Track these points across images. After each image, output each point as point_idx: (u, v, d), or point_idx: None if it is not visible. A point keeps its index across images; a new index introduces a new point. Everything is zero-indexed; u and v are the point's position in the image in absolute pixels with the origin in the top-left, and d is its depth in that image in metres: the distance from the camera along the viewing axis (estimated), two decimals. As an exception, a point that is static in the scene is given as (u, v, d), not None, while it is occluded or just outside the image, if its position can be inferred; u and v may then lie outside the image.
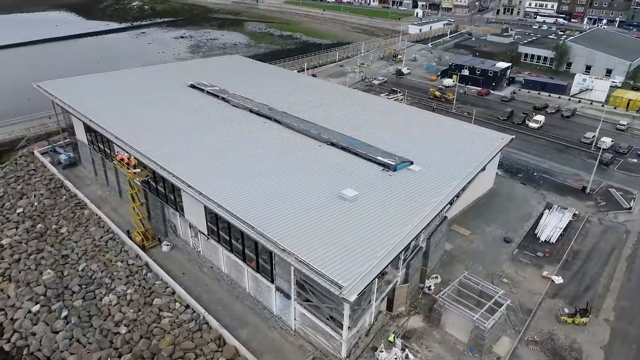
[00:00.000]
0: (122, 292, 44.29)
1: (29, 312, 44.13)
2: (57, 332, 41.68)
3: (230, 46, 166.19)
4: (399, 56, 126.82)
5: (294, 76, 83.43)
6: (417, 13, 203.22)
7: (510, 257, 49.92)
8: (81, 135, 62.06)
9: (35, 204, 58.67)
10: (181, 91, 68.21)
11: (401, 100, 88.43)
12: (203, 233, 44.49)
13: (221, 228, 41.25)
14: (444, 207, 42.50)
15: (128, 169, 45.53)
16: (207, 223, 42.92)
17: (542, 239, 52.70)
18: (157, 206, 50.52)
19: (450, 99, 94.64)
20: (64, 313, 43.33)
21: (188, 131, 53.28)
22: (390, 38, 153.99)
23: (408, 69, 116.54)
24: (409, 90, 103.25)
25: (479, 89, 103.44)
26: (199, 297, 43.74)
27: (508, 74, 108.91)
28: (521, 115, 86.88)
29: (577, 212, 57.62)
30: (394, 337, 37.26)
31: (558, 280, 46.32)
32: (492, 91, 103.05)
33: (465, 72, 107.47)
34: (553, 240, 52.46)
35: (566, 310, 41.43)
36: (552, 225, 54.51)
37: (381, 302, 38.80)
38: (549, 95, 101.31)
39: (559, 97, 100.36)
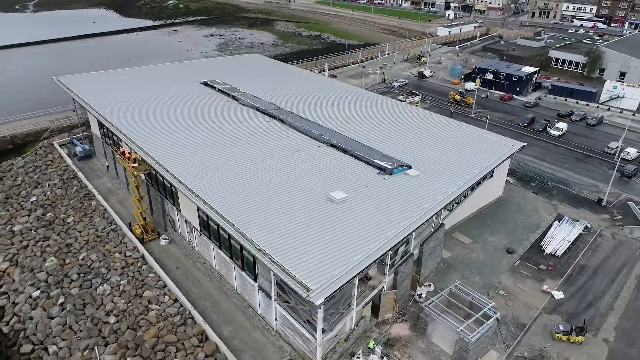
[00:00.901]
0: (116, 283, 45.40)
1: (30, 297, 45.85)
2: (52, 318, 43.14)
3: (258, 45, 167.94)
4: (423, 58, 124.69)
5: (309, 76, 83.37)
6: (448, 15, 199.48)
7: (511, 268, 48.16)
8: (95, 128, 64.06)
9: (48, 193, 60.97)
10: (193, 88, 69.36)
11: (417, 103, 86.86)
12: (196, 229, 45.04)
13: (211, 225, 41.59)
14: (437, 214, 41.47)
15: (128, 162, 46.72)
16: (199, 219, 43.41)
17: (548, 251, 50.59)
18: (158, 200, 51.51)
19: (470, 103, 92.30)
20: (61, 300, 44.80)
21: (190, 127, 54.11)
22: (417, 40, 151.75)
23: (430, 72, 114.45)
24: (430, 93, 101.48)
25: (502, 93, 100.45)
26: (189, 291, 44.32)
27: (534, 79, 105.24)
28: (543, 122, 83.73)
29: (588, 225, 55.01)
30: (374, 344, 36.59)
31: (558, 295, 44.34)
32: (516, 96, 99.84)
33: (489, 76, 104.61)
34: (559, 253, 50.27)
35: (561, 327, 39.56)
36: (559, 238, 52.24)
37: (364, 307, 38.14)
38: (577, 102, 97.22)
39: (587, 105, 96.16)
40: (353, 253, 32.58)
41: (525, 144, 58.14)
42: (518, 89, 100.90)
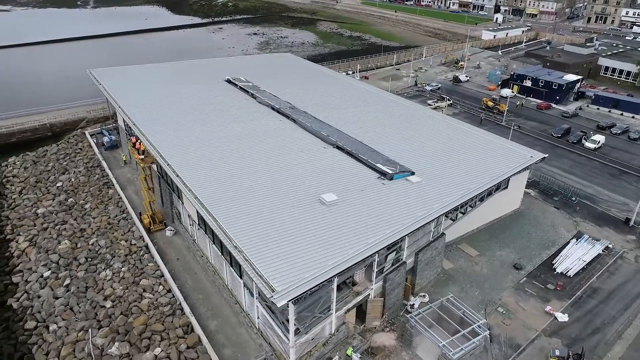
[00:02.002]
0: (117, 269, 47.14)
1: (41, 276, 48.41)
2: (57, 298, 45.33)
3: (298, 45, 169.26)
4: (461, 62, 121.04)
5: (335, 77, 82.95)
6: (496, 18, 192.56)
7: (515, 285, 45.81)
8: (120, 120, 66.81)
9: (73, 179, 64.24)
10: (215, 85, 70.84)
11: (444, 108, 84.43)
12: (195, 222, 45.99)
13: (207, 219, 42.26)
14: (435, 223, 40.24)
15: (138, 153, 48.43)
16: (197, 213, 44.25)
17: (559, 270, 47.74)
18: (167, 192, 52.98)
19: (503, 110, 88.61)
20: (67, 281, 47.02)
21: (201, 123, 55.27)
22: (459, 43, 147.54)
23: (467, 76, 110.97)
24: (463, 98, 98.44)
25: (540, 101, 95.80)
26: (184, 283, 45.34)
27: (577, 87, 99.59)
28: (578, 134, 79.12)
29: (610, 246, 51.45)
30: (352, 351, 35.93)
31: (562, 317, 41.73)
32: (554, 105, 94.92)
33: (527, 83, 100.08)
34: (571, 273, 47.31)
35: (557, 353, 37.19)
36: (574, 257, 49.20)
37: (347, 312, 37.49)
38: (621, 114, 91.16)
39: (633, 117, 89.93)
40: (329, 257, 32.13)
41: (545, 155, 55.24)
42: (557, 97, 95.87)
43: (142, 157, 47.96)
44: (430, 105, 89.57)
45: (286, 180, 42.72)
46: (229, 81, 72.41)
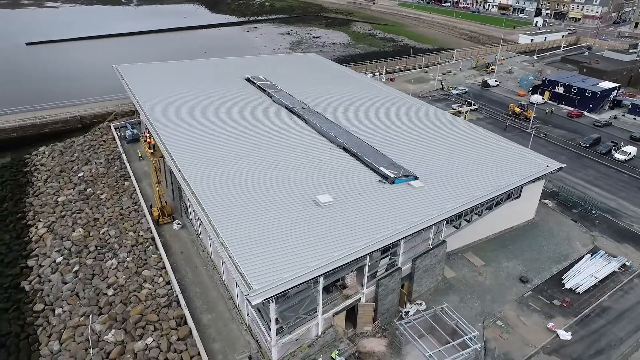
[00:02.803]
0: (122, 259, 48.63)
1: (54, 262, 50.58)
2: (65, 283, 47.29)
3: (330, 45, 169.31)
4: (492, 67, 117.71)
5: (356, 79, 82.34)
6: (536, 22, 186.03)
7: (519, 298, 44.17)
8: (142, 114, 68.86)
9: (93, 170, 66.75)
10: (234, 83, 71.85)
11: (466, 113, 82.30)
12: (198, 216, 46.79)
13: (200, 214, 42.81)
14: (434, 229, 39.39)
15: (148, 147, 49.78)
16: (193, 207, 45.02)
17: (568, 286, 45.67)
18: (176, 186, 54.17)
19: (530, 117, 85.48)
20: (76, 268, 48.92)
21: (212, 120, 56.15)
22: (493, 46, 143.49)
23: (496, 81, 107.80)
24: (490, 104, 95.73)
25: (571, 109, 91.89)
26: (184, 276, 46.26)
27: (613, 95, 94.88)
28: (608, 144, 75.36)
29: (627, 263, 48.79)
30: (337, 354, 35.63)
31: (565, 335, 39.89)
32: (586, 114, 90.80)
33: (560, 90, 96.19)
34: (581, 290, 45.15)
35: (553, 371, 35.65)
36: (586, 273, 46.94)
37: (335, 315, 37.15)
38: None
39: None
40: (313, 258, 31.97)
41: (563, 165, 52.97)
42: (591, 105, 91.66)
43: (152, 151, 49.24)
44: (453, 109, 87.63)
45: (285, 180, 42.83)
46: (248, 80, 73.28)
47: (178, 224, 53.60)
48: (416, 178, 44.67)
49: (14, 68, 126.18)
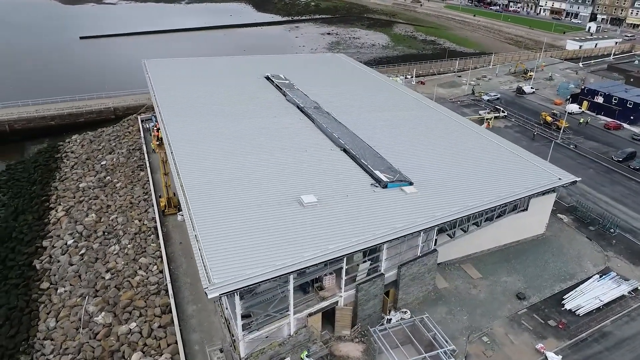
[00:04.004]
0: (124, 245, 50.69)
1: (66, 244, 53.52)
2: (71, 265, 49.95)
3: (368, 46, 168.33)
4: (530, 73, 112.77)
5: (378, 81, 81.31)
6: (589, 27, 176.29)
7: (511, 315, 42.22)
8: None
9: (114, 159, 69.94)
10: (254, 81, 72.93)
11: (490, 119, 79.31)
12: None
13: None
14: (413, 235, 38.43)
15: (156, 140, 51.66)
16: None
17: (568, 307, 43.15)
18: (183, 179, 55.79)
19: (562, 127, 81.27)
20: (83, 251, 51.52)
21: (221, 116, 57.17)
22: (537, 52, 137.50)
23: (532, 88, 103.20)
24: (522, 111, 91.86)
25: (610, 120, 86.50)
26: (179, 266, 47.58)
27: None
28: (644, 160, 70.51)
29: (640, 288, 45.53)
30: (306, 355, 35.51)
31: (554, 358, 37.71)
32: (626, 126, 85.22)
33: (599, 100, 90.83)
34: (581, 312, 42.54)
35: (531, 395, 33.86)
36: (591, 295, 44.17)
37: (310, 316, 36.98)
38: None
39: None
40: (281, 257, 32.03)
41: (577, 179, 50.03)
42: (632, 117, 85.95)
43: (158, 143, 51.02)
44: (479, 115, 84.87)
45: (276, 178, 43.06)
46: (267, 78, 74.19)
47: (182, 215, 55.14)
48: (411, 184, 43.67)
49: (66, 59, 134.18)
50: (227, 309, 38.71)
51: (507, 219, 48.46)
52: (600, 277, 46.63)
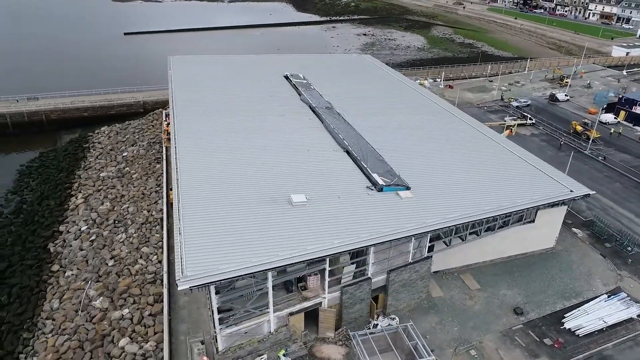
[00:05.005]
0: (130, 234, 52.55)
1: (79, 229, 56.10)
2: (81, 250, 52.33)
3: (403, 48, 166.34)
4: (566, 79, 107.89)
5: (400, 83, 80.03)
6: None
7: (505, 330, 40.66)
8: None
9: (135, 151, 72.56)
10: (272, 80, 73.61)
11: (512, 127, 76.47)
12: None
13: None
14: (402, 240, 37.78)
15: (166, 134, 53.29)
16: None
17: (568, 326, 41.10)
18: (192, 173, 57.15)
19: (592, 137, 77.30)
20: (93, 237, 53.86)
21: (231, 113, 57.83)
22: (577, 58, 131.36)
23: (566, 95, 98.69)
24: (551, 119, 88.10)
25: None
26: (178, 258, 48.79)
27: None
28: (678, 176, 66.02)
29: (651, 312, 42.68)
30: (283, 354, 35.61)
31: (543, 378, 36.14)
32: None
33: (638, 110, 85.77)
34: (582, 332, 40.42)
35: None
36: (595, 315, 41.87)
37: (291, 315, 37.03)
38: None
39: None
40: (257, 255, 32.27)
41: (591, 192, 47.53)
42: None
43: (168, 137, 52.55)
44: (504, 121, 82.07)
45: (270, 176, 43.31)
46: (286, 77, 74.73)
47: (189, 208, 56.50)
48: (408, 188, 42.90)
49: (108, 54, 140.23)
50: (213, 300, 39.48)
51: (512, 230, 46.72)
52: (609, 297, 44.11)
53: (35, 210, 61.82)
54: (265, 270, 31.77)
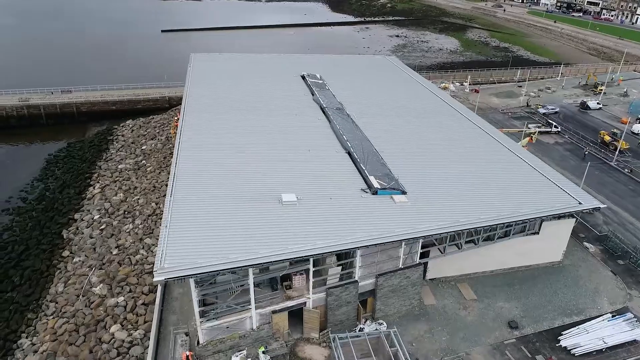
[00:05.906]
0: (136, 225, 54.19)
1: (92, 218, 58.45)
2: (91, 238, 54.48)
3: (435, 50, 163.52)
4: (600, 87, 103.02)
5: (419, 86, 78.69)
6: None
7: (496, 344, 39.36)
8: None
9: (153, 145, 74.75)
10: (289, 79, 74.06)
11: (533, 134, 73.68)
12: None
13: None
14: (390, 245, 37.29)
15: (174, 130, 54.64)
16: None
17: (564, 344, 39.34)
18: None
19: (622, 148, 73.48)
20: (103, 226, 55.96)
21: (241, 111, 58.62)
22: (617, 65, 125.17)
23: (598, 103, 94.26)
24: (579, 128, 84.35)
25: (683, 145, 76.86)
26: (179, 250, 49.93)
27: None
28: None
29: (658, 335, 40.21)
30: (262, 351, 35.86)
31: (529, 396, 34.77)
32: (702, 153, 75.15)
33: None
34: (578, 352, 38.62)
35: None
36: (595, 335, 39.90)
37: (274, 313, 37.20)
38: None
39: None
40: (237, 252, 32.62)
41: (602, 205, 45.44)
42: None
43: (175, 132, 53.90)
44: (528, 128, 79.37)
45: (266, 175, 43.57)
46: (302, 77, 75.02)
47: (195, 203, 57.72)
48: (404, 193, 42.25)
49: (144, 50, 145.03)
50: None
51: (515, 240, 45.14)
52: (613, 316, 41.89)
53: (56, 198, 64.77)
54: (245, 266, 32.10)
